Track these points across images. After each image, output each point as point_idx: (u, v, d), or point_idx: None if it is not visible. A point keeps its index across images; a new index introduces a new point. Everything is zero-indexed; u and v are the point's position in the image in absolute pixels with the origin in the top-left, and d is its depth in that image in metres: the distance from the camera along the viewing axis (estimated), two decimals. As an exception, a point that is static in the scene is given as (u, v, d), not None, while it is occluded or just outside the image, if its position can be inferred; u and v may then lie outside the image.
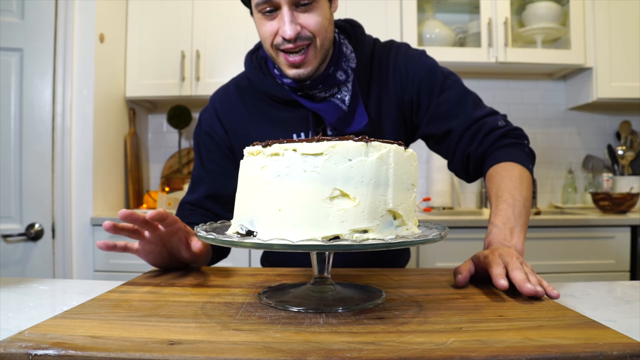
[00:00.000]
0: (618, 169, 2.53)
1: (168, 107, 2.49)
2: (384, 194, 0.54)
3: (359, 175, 0.52)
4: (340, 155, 0.51)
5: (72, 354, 0.41)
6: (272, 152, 0.53)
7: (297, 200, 0.52)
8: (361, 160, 0.52)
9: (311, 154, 0.51)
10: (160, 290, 0.66)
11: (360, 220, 0.52)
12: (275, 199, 0.53)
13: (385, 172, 0.54)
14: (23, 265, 1.87)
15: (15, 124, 1.87)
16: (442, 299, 0.60)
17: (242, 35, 2.24)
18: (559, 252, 1.98)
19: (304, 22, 0.87)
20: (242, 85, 1.05)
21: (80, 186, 1.99)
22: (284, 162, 0.52)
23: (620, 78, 2.28)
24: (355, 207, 0.52)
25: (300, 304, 0.56)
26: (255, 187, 0.55)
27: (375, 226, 0.53)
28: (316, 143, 0.51)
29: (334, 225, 0.51)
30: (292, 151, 0.52)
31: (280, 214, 0.52)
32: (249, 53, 1.06)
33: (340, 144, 0.51)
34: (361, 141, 0.52)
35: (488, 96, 2.63)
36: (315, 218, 0.51)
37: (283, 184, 0.52)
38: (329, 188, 0.51)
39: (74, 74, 1.97)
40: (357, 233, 0.52)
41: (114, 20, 2.20)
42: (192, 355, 0.40)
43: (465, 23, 2.49)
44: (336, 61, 0.96)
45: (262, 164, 0.54)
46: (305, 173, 0.51)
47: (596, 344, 0.42)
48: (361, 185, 0.52)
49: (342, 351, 0.41)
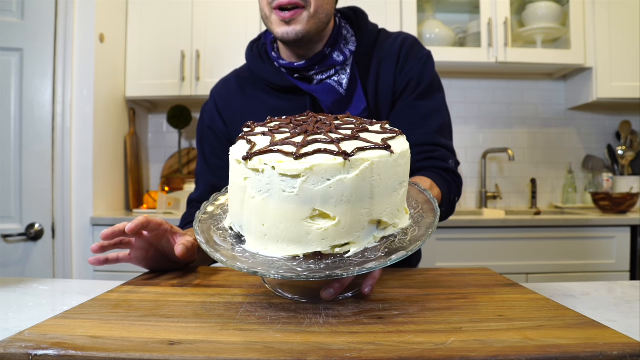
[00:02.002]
0: (618, 169, 2.53)
1: (168, 107, 2.49)
2: (366, 207, 0.53)
3: (337, 194, 0.50)
4: (318, 176, 0.50)
5: (72, 354, 0.41)
6: (252, 167, 0.53)
7: (278, 218, 0.52)
8: (340, 180, 0.50)
9: (289, 176, 0.50)
10: (160, 290, 0.65)
11: (341, 236, 0.53)
12: (258, 214, 0.54)
13: (369, 185, 0.52)
14: (23, 265, 1.87)
15: (15, 124, 1.87)
16: (442, 299, 0.60)
17: (242, 35, 2.24)
18: (559, 252, 1.98)
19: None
20: (242, 77, 1.05)
21: (80, 186, 1.99)
22: (265, 179, 0.52)
23: (620, 78, 2.28)
24: (335, 226, 0.52)
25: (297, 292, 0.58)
26: (241, 196, 0.56)
27: (356, 238, 0.54)
28: (294, 162, 0.50)
29: (314, 242, 0.52)
30: (272, 169, 0.51)
31: (264, 229, 0.54)
32: (250, 42, 1.06)
33: (317, 164, 0.49)
34: (339, 156, 0.50)
35: (488, 96, 2.63)
36: (296, 236, 0.52)
37: (265, 200, 0.52)
38: (308, 208, 0.51)
39: (74, 74, 1.97)
40: (339, 247, 0.53)
41: (114, 20, 2.20)
42: (192, 355, 0.40)
43: (465, 23, 2.49)
44: (333, 42, 0.95)
45: (244, 175, 0.54)
46: (285, 193, 0.51)
47: (596, 344, 0.42)
48: (341, 203, 0.51)
49: (342, 351, 0.41)
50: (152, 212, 2.24)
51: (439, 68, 1.10)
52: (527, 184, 2.63)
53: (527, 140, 2.65)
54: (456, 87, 2.59)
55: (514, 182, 2.64)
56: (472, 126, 2.64)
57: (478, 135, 2.64)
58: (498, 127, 2.65)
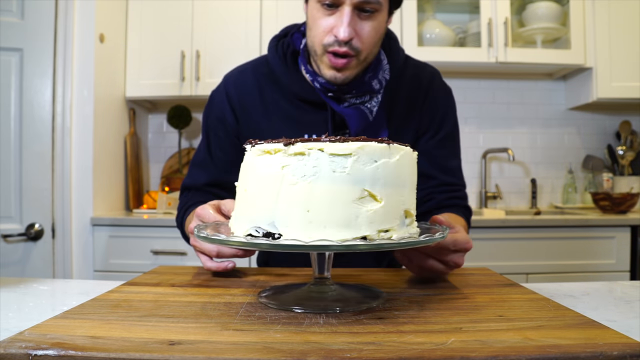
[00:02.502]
0: (618, 169, 2.53)
1: (168, 107, 2.49)
2: (402, 194, 0.56)
3: (383, 176, 0.53)
4: (368, 156, 0.52)
5: (72, 354, 0.41)
6: (295, 151, 0.51)
7: (327, 201, 0.51)
8: (385, 162, 0.53)
9: (340, 155, 0.50)
10: (160, 290, 0.65)
11: (386, 221, 0.53)
12: (302, 200, 0.51)
13: (404, 174, 0.56)
14: (23, 265, 1.87)
15: (15, 124, 1.87)
16: (442, 299, 0.60)
17: (242, 35, 2.24)
18: (559, 252, 1.98)
19: (360, 30, 0.85)
20: (261, 72, 1.00)
21: (80, 186, 1.99)
22: (310, 162, 0.51)
23: (620, 78, 2.28)
24: (382, 208, 0.53)
25: (300, 304, 0.56)
26: (276, 187, 0.53)
27: (396, 225, 0.55)
28: (343, 143, 0.51)
29: (363, 226, 0.52)
30: (319, 151, 0.51)
31: (309, 215, 0.51)
32: (274, 38, 1.01)
33: (367, 145, 0.52)
34: (383, 143, 0.53)
35: (488, 96, 2.63)
36: (346, 219, 0.51)
37: (311, 184, 0.51)
38: (359, 189, 0.51)
39: (74, 74, 1.97)
40: (382, 232, 0.53)
41: (114, 20, 2.20)
42: (192, 355, 0.40)
43: (465, 23, 2.49)
44: (374, 68, 0.94)
45: (282, 163, 0.52)
46: (335, 174, 0.51)
47: (596, 344, 0.42)
48: (386, 186, 0.53)
49: (342, 351, 0.41)
50: (152, 212, 2.24)
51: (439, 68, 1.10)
52: (527, 184, 2.63)
53: (527, 140, 2.64)
54: (456, 87, 2.57)
55: (514, 182, 2.64)
56: (472, 126, 2.64)
57: (478, 135, 2.64)
58: (498, 127, 2.65)
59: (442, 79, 1.06)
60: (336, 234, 0.51)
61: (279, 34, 1.02)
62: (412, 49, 2.22)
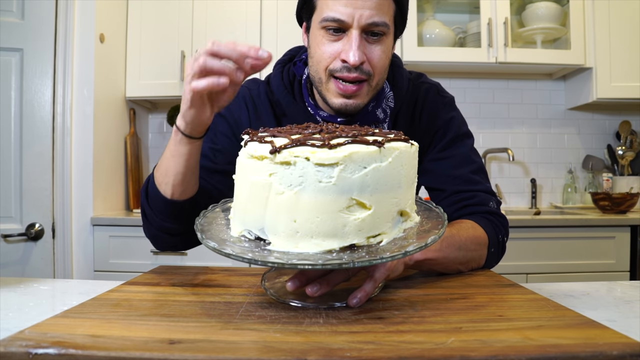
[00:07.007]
0: (618, 169, 2.53)
1: (168, 107, 2.49)
2: (395, 196, 0.54)
3: (373, 182, 0.51)
4: (356, 163, 0.50)
5: (73, 352, 0.41)
6: (282, 160, 0.50)
7: (313, 211, 0.50)
8: (375, 168, 0.51)
9: (326, 165, 0.49)
10: (160, 289, 0.66)
11: (375, 226, 0.52)
12: (289, 210, 0.51)
13: (398, 174, 0.53)
14: (23, 265, 1.87)
15: (15, 124, 1.87)
16: (442, 299, 0.60)
17: (242, 36, 2.24)
18: (559, 252, 1.98)
19: (369, 53, 0.81)
20: (272, 100, 0.96)
21: (80, 186, 1.99)
22: (296, 171, 0.50)
23: (620, 78, 2.28)
24: (370, 216, 0.51)
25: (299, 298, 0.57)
26: (264, 195, 0.53)
27: (387, 228, 0.54)
28: (330, 151, 0.49)
29: (351, 235, 0.51)
30: (305, 160, 0.49)
31: (296, 225, 0.51)
32: (279, 64, 0.96)
33: (355, 152, 0.49)
34: (374, 145, 0.51)
35: (488, 96, 2.63)
36: (333, 229, 0.51)
37: (297, 194, 0.50)
38: (346, 198, 0.50)
39: (74, 74, 1.97)
40: (372, 238, 0.53)
41: (114, 20, 2.20)
42: (192, 354, 0.40)
43: (465, 23, 2.49)
44: (377, 98, 0.91)
45: (270, 171, 0.51)
46: (321, 184, 0.49)
47: (596, 343, 0.42)
48: (376, 192, 0.51)
49: (342, 351, 0.41)
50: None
51: (439, 68, 1.10)
52: (527, 184, 2.63)
53: (527, 140, 2.65)
54: (456, 87, 2.59)
55: (513, 182, 2.64)
56: (472, 126, 2.60)
57: (478, 135, 2.64)
58: (498, 127, 2.65)
59: (438, 92, 1.00)
60: (322, 243, 0.51)
61: (284, 58, 0.98)
62: (412, 49, 2.22)
